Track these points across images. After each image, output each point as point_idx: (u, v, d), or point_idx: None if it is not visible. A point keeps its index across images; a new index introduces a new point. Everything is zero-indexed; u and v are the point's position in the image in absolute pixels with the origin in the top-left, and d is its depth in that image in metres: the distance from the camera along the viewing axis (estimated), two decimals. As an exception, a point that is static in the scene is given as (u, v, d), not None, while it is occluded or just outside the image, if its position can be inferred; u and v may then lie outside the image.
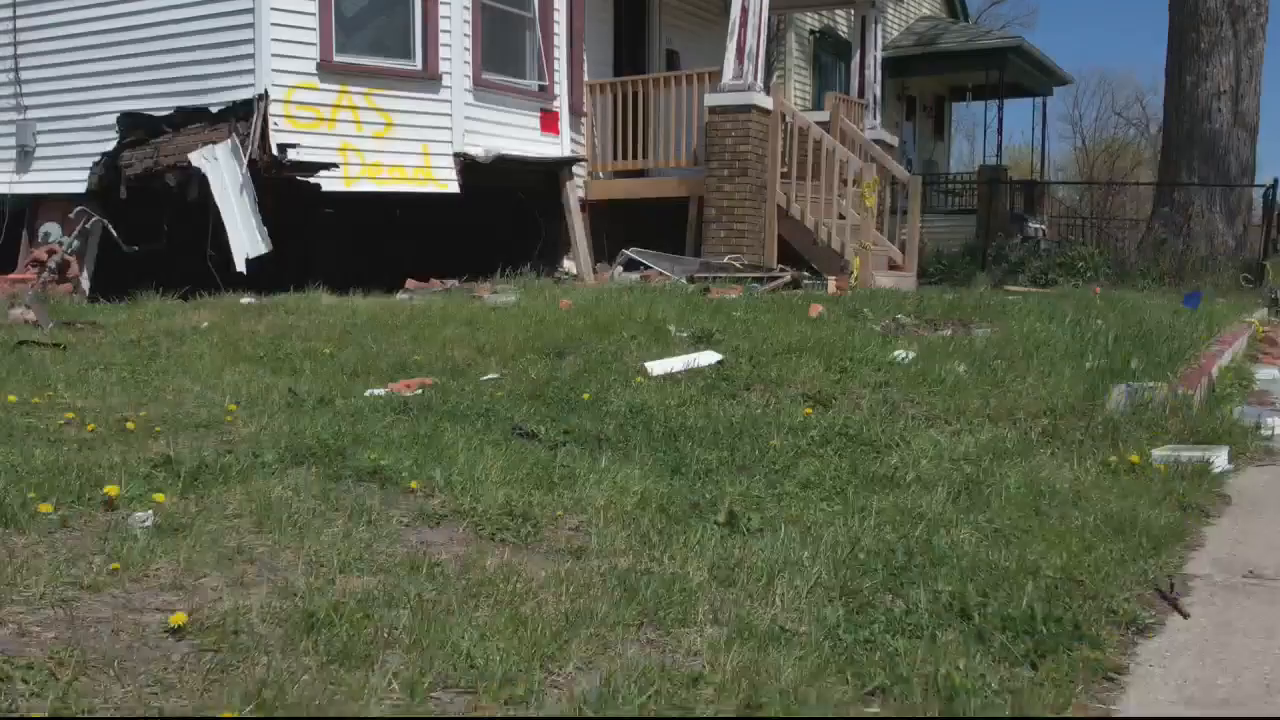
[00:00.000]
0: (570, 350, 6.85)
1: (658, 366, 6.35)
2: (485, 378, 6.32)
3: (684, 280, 10.67)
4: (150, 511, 3.36)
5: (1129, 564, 3.39)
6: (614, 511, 3.80)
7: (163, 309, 8.58)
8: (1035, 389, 5.87)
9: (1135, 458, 4.71)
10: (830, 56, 19.64)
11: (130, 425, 4.57)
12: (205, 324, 7.86)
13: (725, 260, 11.47)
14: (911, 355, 6.60)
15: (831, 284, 10.33)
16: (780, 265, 11.53)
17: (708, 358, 6.49)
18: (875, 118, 15.56)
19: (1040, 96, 24.56)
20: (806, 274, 11.26)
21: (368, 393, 5.89)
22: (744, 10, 12.32)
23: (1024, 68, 21.94)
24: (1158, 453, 4.85)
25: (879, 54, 15.88)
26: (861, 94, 15.50)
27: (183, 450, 4.11)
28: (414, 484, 3.91)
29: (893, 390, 5.98)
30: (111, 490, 3.43)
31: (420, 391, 5.91)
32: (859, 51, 15.67)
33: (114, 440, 4.34)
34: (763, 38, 12.58)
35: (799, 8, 17.33)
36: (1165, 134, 16.92)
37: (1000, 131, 21.41)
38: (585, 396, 5.76)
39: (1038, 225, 22.53)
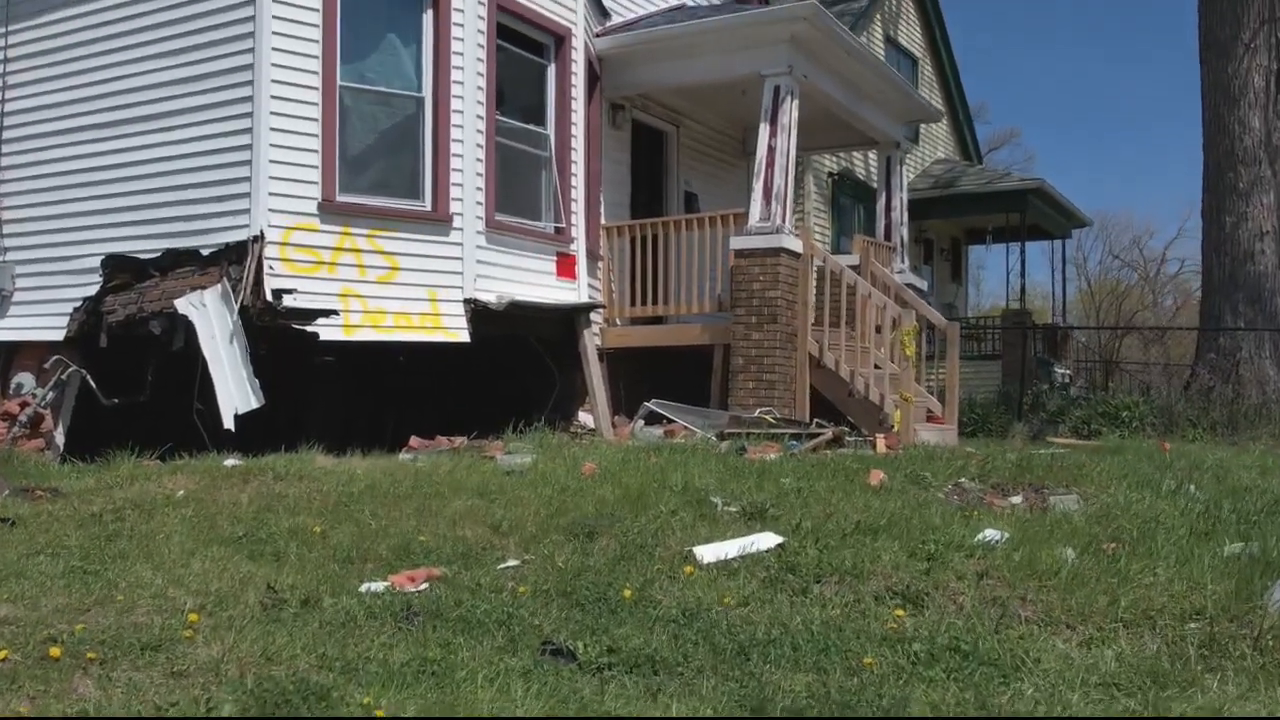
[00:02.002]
0: (601, 529, 5.85)
1: (708, 553, 5.34)
2: (503, 565, 5.31)
3: (713, 437, 9.71)
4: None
5: None
6: (695, 794, 2.77)
7: (136, 472, 7.60)
8: (1170, 584, 4.86)
9: (1342, 689, 3.70)
10: (849, 198, 19.14)
11: (55, 651, 3.55)
12: (181, 492, 6.88)
13: (756, 414, 10.53)
14: (1004, 536, 5.60)
15: (880, 443, 9.36)
16: (817, 420, 10.59)
17: (766, 540, 5.49)
18: (903, 261, 14.84)
19: (1059, 239, 24.06)
20: (848, 429, 10.30)
21: (364, 587, 4.89)
22: (770, 150, 11.68)
23: (1044, 210, 21.45)
24: (1362, 679, 3.83)
25: (905, 195, 15.25)
26: (888, 236, 14.80)
27: (113, 696, 3.09)
28: (421, 752, 2.89)
29: (995, 584, 4.98)
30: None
31: (427, 586, 4.91)
32: (884, 194, 15.03)
33: (27, 677, 3.33)
34: (790, 178, 11.91)
35: (819, 150, 16.80)
36: (1205, 276, 16.20)
37: (1023, 275, 20.73)
38: (627, 594, 4.75)
39: (1063, 370, 21.74)
